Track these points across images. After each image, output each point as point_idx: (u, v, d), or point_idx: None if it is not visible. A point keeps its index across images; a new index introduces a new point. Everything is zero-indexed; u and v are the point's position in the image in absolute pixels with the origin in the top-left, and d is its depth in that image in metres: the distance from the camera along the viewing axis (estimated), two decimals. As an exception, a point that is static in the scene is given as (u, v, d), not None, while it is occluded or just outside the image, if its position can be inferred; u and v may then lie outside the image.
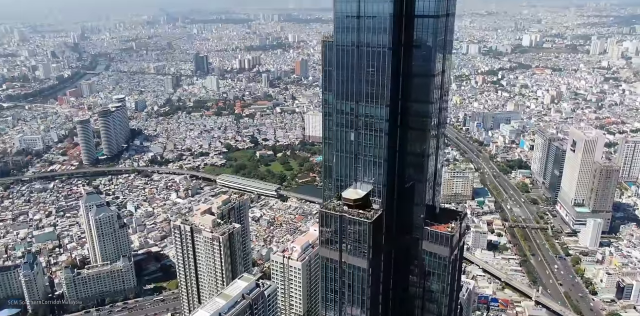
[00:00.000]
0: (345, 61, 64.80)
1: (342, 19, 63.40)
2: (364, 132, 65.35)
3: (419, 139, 65.94)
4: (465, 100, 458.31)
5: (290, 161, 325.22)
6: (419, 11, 61.18)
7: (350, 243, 66.01)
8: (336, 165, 69.66)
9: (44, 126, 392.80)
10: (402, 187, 67.79)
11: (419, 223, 68.24)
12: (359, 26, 61.65)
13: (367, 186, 67.28)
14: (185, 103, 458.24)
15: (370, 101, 63.66)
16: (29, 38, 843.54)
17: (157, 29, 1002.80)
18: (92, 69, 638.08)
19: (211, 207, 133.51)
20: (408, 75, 63.98)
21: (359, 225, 64.27)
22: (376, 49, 61.50)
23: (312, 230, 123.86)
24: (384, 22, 60.26)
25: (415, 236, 68.70)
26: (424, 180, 66.41)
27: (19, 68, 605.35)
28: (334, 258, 68.60)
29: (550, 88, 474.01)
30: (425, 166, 65.74)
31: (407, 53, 63.34)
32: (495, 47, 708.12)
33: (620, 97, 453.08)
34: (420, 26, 61.65)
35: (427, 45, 62.70)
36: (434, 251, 68.39)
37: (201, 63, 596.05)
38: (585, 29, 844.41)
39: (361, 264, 66.49)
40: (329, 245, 68.70)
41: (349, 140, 67.03)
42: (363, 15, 61.13)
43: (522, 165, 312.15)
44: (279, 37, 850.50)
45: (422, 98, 64.25)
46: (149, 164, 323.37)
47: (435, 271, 69.76)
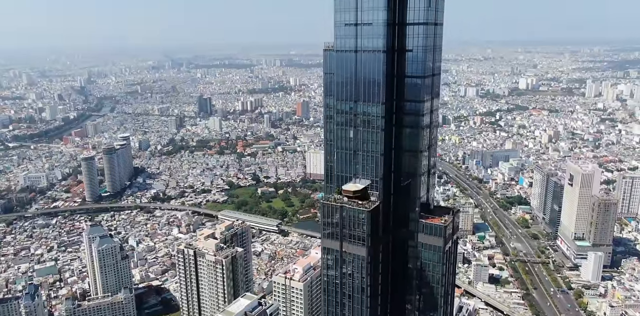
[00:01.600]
0: (344, 65, 72.09)
1: (341, 27, 70.94)
2: (362, 129, 71.78)
3: (412, 136, 71.87)
4: (464, 139, 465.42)
5: (291, 198, 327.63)
6: (410, 19, 68.86)
7: (350, 232, 69.88)
8: (337, 161, 75.25)
9: (49, 164, 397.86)
10: (398, 181, 72.47)
11: (415, 216, 72.60)
12: (357, 33, 69.47)
13: (365, 181, 72.35)
14: (188, 143, 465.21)
15: (367, 100, 70.16)
16: (36, 82, 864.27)
17: (162, 73, 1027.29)
18: (97, 110, 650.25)
19: (214, 232, 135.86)
20: (401, 77, 70.75)
21: (358, 215, 68.70)
22: (372, 53, 68.61)
23: (314, 253, 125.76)
24: (378, 29, 68.43)
25: (411, 229, 72.61)
26: (418, 175, 71.41)
27: (26, 110, 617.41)
28: (335, 248, 72.15)
29: (548, 129, 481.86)
30: (419, 162, 70.80)
31: (400, 56, 70.17)
32: (493, 90, 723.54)
33: (617, 136, 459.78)
34: (411, 33, 68.91)
35: (418, 50, 69.68)
36: (429, 243, 72.68)
37: (204, 105, 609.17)
38: (580, 73, 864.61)
39: (360, 252, 70.48)
40: (330, 237, 72.91)
41: (348, 138, 73.36)
42: (360, 23, 69.17)
43: (521, 202, 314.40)
44: (281, 80, 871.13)
45: (414, 98, 70.82)
46: (151, 201, 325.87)
47: (430, 262, 73.43)
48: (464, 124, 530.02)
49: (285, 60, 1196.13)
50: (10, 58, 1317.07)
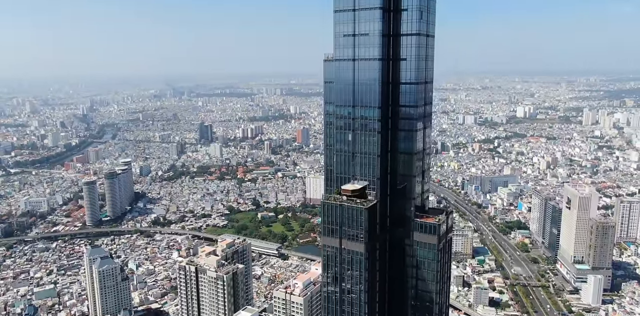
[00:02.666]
0: (343, 72, 76.87)
1: (340, 37, 76.67)
2: (360, 132, 76.80)
3: (407, 139, 76.31)
4: (463, 165, 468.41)
5: (291, 222, 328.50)
6: (404, 31, 74.42)
7: (348, 230, 73.01)
8: (336, 163, 79.56)
9: (50, 190, 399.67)
10: (394, 182, 76.19)
11: (410, 215, 75.76)
12: (354, 43, 74.95)
13: (363, 182, 76.04)
14: (189, 169, 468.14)
15: (364, 105, 74.87)
16: (39, 110, 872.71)
17: (164, 101, 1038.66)
18: (99, 137, 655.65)
19: (216, 249, 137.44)
20: (396, 84, 75.92)
21: (356, 213, 72.15)
22: (368, 61, 73.96)
23: (314, 269, 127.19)
24: (374, 39, 74.64)
25: (407, 228, 75.67)
26: (413, 176, 75.17)
27: (28, 137, 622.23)
28: (334, 245, 75.09)
29: (546, 155, 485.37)
30: (414, 163, 74.74)
31: (395, 65, 75.39)
32: (491, 118, 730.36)
33: (615, 163, 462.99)
34: (405, 43, 74.26)
35: (411, 59, 75.08)
36: (423, 241, 75.98)
37: (205, 132, 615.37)
38: (577, 102, 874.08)
39: (359, 248, 73.66)
40: (330, 234, 76.25)
41: (347, 141, 78.22)
42: (357, 34, 74.46)
43: (521, 226, 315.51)
44: (281, 109, 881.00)
45: (408, 103, 75.33)
46: (152, 225, 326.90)
47: (425, 260, 76.39)
48: (463, 151, 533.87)
49: (285, 89, 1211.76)
50: (14, 87, 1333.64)
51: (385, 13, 72.45)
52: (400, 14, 73.70)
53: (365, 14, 72.87)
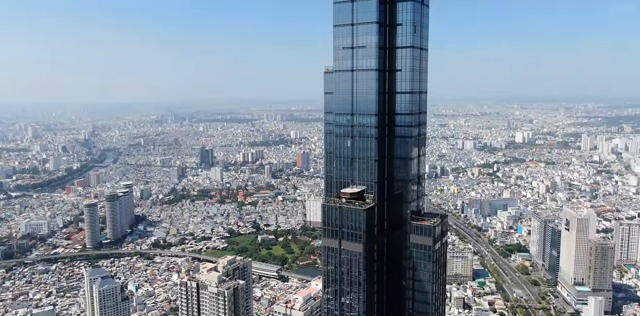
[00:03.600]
0: (343, 83, 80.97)
1: (339, 50, 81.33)
2: (358, 138, 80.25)
3: (403, 146, 79.75)
4: (462, 189, 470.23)
5: (291, 245, 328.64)
6: (399, 44, 78.77)
7: (347, 231, 75.39)
8: (336, 169, 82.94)
9: (50, 212, 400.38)
10: (391, 186, 79.12)
11: (407, 218, 78.29)
12: (353, 55, 79.41)
13: (361, 186, 78.58)
14: (189, 192, 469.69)
15: (362, 113, 78.53)
16: (41, 135, 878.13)
17: (165, 127, 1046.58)
18: (100, 162, 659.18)
19: (217, 265, 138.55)
20: (392, 93, 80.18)
21: (355, 214, 74.81)
22: (366, 72, 78.31)
23: (314, 285, 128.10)
24: (371, 51, 79.70)
25: (404, 230, 78.14)
26: (409, 181, 78.17)
27: (30, 161, 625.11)
28: (334, 246, 77.43)
29: (545, 179, 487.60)
30: (409, 168, 77.86)
31: (390, 75, 79.67)
32: (490, 143, 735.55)
33: (614, 187, 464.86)
34: (400, 55, 78.74)
35: (406, 70, 79.56)
36: (419, 243, 78.37)
37: (206, 156, 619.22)
38: (576, 127, 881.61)
39: (357, 249, 76.21)
40: (330, 235, 78.77)
41: (346, 147, 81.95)
42: (355, 46, 78.96)
43: (521, 249, 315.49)
44: (282, 134, 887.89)
45: (404, 112, 79.04)
46: (152, 247, 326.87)
47: (421, 261, 78.65)
48: (462, 175, 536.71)
49: (286, 115, 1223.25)
50: (17, 112, 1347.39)
51: (381, 27, 77.85)
52: (395, 28, 78.62)
53: (362, 28, 77.96)
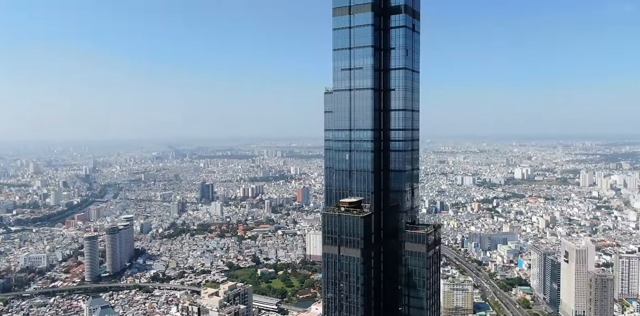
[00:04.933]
0: (341, 101, 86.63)
1: (338, 71, 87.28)
2: (356, 152, 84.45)
3: (397, 159, 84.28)
4: (462, 224, 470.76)
5: (291, 278, 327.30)
6: (393, 66, 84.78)
7: (346, 237, 78.33)
8: (335, 181, 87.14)
9: (50, 246, 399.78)
10: (387, 197, 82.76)
11: (402, 227, 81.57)
12: (350, 76, 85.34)
13: (359, 197, 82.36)
14: (189, 227, 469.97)
15: (359, 129, 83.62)
16: (42, 170, 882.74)
17: (166, 163, 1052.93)
18: (100, 197, 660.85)
19: (218, 290, 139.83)
20: (387, 110, 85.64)
21: (353, 221, 78.20)
22: (362, 91, 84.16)
23: (314, 309, 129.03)
24: (367, 72, 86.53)
25: (400, 239, 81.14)
26: (403, 192, 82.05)
27: (30, 196, 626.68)
28: (333, 253, 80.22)
29: (545, 215, 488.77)
30: (404, 180, 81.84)
31: (385, 94, 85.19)
32: (489, 179, 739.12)
33: (613, 222, 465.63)
34: (394, 76, 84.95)
35: (399, 89, 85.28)
36: (414, 250, 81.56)
37: (206, 191, 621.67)
38: (574, 164, 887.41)
39: (355, 254, 79.62)
40: (329, 243, 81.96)
41: (345, 160, 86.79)
42: (353, 68, 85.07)
43: (522, 283, 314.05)
44: (282, 170, 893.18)
45: (398, 127, 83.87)
46: (151, 281, 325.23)
47: (416, 268, 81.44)
48: (462, 210, 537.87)
49: (286, 151, 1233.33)
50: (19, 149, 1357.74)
51: (376, 51, 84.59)
52: (389, 52, 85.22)
53: (359, 51, 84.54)
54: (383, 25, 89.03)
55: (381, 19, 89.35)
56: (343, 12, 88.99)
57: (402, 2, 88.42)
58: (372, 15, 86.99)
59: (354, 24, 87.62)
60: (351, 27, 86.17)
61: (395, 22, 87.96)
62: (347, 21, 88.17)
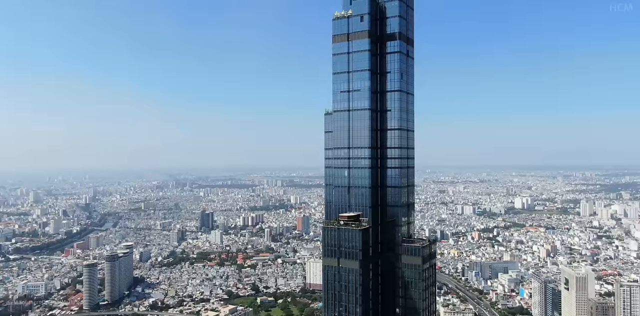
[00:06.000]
0: (341, 121, 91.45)
1: (338, 93, 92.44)
2: (354, 169, 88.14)
3: (393, 176, 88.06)
4: (463, 253, 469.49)
5: (290, 307, 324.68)
6: (388, 88, 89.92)
7: (345, 250, 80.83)
8: (335, 197, 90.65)
9: (48, 275, 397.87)
10: (384, 212, 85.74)
11: (398, 241, 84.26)
12: (349, 97, 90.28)
13: (357, 212, 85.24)
14: (188, 255, 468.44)
15: (357, 147, 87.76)
16: (42, 199, 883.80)
17: (166, 192, 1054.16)
18: (100, 225, 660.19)
19: (219, 314, 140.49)
20: (383, 130, 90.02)
21: (351, 234, 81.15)
22: (360, 111, 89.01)
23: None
24: (365, 94, 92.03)
25: (397, 252, 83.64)
26: (400, 206, 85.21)
27: (30, 224, 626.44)
28: (333, 265, 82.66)
29: (545, 244, 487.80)
30: (400, 196, 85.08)
31: (381, 115, 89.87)
32: (489, 209, 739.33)
33: (614, 252, 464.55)
34: (389, 97, 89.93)
35: (395, 110, 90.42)
36: (410, 263, 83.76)
37: (206, 220, 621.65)
38: (574, 194, 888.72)
39: (354, 266, 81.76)
40: (329, 255, 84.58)
41: (344, 177, 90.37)
42: (351, 90, 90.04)
43: (523, 312, 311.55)
44: (282, 199, 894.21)
45: (393, 146, 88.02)
46: (150, 309, 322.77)
47: (412, 280, 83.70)
48: (463, 239, 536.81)
49: (286, 181, 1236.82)
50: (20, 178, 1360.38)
51: (373, 74, 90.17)
52: (385, 75, 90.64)
53: (357, 75, 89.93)
54: (379, 51, 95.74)
55: (377, 45, 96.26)
56: (342, 39, 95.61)
57: (396, 30, 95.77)
58: (368, 41, 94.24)
59: (352, 50, 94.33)
60: (349, 52, 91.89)
61: (390, 48, 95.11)
62: (346, 47, 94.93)
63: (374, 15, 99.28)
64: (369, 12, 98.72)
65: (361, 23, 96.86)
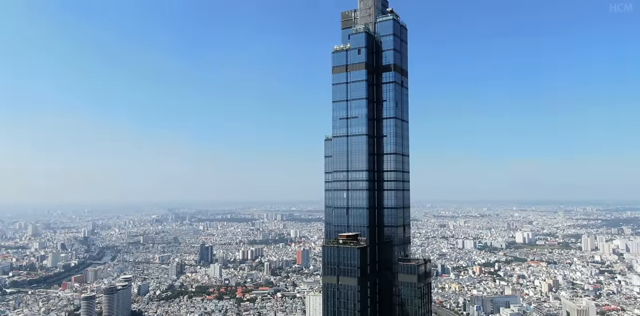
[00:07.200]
0: (340, 146, 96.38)
1: (337, 120, 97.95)
2: (352, 190, 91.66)
3: (390, 197, 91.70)
4: (464, 287, 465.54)
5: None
6: (385, 115, 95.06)
7: (344, 268, 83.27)
8: (334, 217, 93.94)
9: (45, 308, 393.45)
10: (381, 232, 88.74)
11: (395, 260, 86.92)
12: (347, 124, 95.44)
13: (356, 232, 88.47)
14: (187, 289, 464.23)
15: (355, 170, 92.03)
16: (41, 233, 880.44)
17: (165, 225, 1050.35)
18: (98, 259, 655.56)
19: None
20: (380, 154, 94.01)
21: (350, 252, 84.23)
22: (358, 137, 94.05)
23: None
24: (362, 120, 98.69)
25: (393, 271, 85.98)
26: (396, 226, 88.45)
27: (27, 258, 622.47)
28: (332, 282, 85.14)
29: (547, 278, 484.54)
30: (397, 216, 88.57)
31: (378, 140, 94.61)
32: (490, 243, 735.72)
33: (617, 287, 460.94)
34: (386, 124, 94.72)
35: (390, 136, 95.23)
36: (406, 281, 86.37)
37: (205, 253, 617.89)
38: (576, 229, 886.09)
39: (352, 283, 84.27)
40: (329, 273, 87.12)
41: (342, 198, 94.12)
42: (350, 117, 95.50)
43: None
44: (282, 233, 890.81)
45: (389, 169, 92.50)
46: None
47: (408, 298, 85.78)
48: (464, 274, 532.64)
49: (286, 214, 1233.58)
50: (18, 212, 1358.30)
51: (369, 103, 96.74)
52: (381, 103, 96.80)
53: (355, 103, 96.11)
54: (375, 81, 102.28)
55: (374, 76, 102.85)
56: (341, 70, 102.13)
57: (391, 61, 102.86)
58: (366, 72, 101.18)
59: (350, 80, 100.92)
60: (348, 82, 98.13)
61: (386, 78, 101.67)
62: (345, 77, 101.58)
63: (370, 49, 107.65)
64: (365, 45, 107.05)
65: (359, 55, 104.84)
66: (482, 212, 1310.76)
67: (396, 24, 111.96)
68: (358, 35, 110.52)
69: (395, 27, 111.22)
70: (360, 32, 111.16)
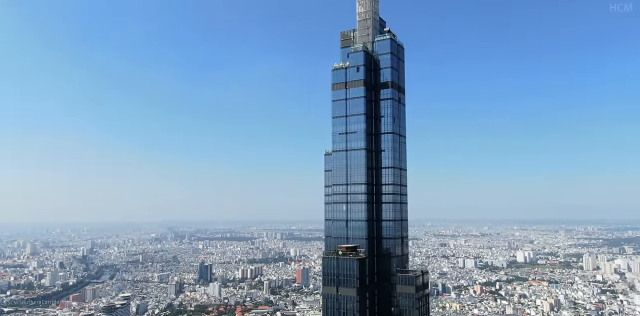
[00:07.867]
0: (339, 160, 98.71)
1: (336, 135, 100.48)
2: (352, 203, 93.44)
3: (388, 210, 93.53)
4: (465, 307, 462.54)
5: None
6: (383, 131, 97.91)
7: (343, 278, 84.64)
8: (334, 229, 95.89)
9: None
10: (380, 244, 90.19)
11: (393, 271, 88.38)
12: (347, 138, 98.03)
13: (354, 243, 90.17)
14: (186, 308, 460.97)
15: (354, 183, 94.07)
16: (39, 252, 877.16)
17: (164, 244, 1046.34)
18: (97, 277, 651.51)
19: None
20: (378, 168, 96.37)
21: (349, 263, 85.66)
22: (357, 151, 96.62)
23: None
24: (361, 135, 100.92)
25: (392, 282, 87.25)
26: (394, 238, 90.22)
27: (26, 277, 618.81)
28: (332, 293, 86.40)
29: (549, 298, 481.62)
30: (395, 229, 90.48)
31: (377, 155, 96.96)
32: (491, 262, 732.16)
33: (619, 306, 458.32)
34: (384, 139, 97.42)
35: (388, 150, 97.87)
36: (404, 291, 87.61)
37: (205, 272, 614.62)
38: (577, 248, 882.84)
39: (351, 293, 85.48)
40: (328, 284, 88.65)
41: (342, 211, 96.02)
42: (349, 132, 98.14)
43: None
44: (281, 252, 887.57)
45: (388, 182, 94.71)
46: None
47: (406, 308, 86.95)
48: (464, 293, 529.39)
49: (286, 233, 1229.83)
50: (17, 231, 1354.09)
51: (368, 118, 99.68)
52: (379, 119, 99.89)
53: (354, 118, 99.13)
54: (374, 98, 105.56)
55: (372, 93, 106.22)
56: (340, 87, 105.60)
57: (389, 79, 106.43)
58: (364, 89, 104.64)
59: (349, 97, 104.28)
60: (347, 98, 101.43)
61: (384, 95, 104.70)
62: (344, 94, 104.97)
63: (368, 66, 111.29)
64: (364, 63, 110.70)
65: (357, 73, 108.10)
66: (483, 230, 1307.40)
67: (393, 43, 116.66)
68: (357, 53, 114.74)
69: (392, 46, 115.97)
70: (359, 51, 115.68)
